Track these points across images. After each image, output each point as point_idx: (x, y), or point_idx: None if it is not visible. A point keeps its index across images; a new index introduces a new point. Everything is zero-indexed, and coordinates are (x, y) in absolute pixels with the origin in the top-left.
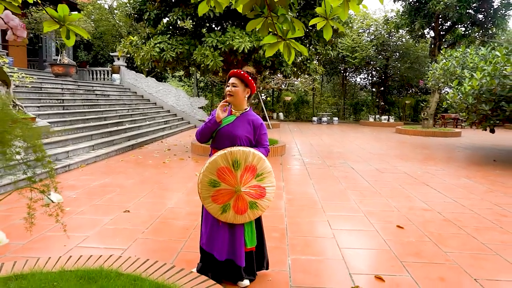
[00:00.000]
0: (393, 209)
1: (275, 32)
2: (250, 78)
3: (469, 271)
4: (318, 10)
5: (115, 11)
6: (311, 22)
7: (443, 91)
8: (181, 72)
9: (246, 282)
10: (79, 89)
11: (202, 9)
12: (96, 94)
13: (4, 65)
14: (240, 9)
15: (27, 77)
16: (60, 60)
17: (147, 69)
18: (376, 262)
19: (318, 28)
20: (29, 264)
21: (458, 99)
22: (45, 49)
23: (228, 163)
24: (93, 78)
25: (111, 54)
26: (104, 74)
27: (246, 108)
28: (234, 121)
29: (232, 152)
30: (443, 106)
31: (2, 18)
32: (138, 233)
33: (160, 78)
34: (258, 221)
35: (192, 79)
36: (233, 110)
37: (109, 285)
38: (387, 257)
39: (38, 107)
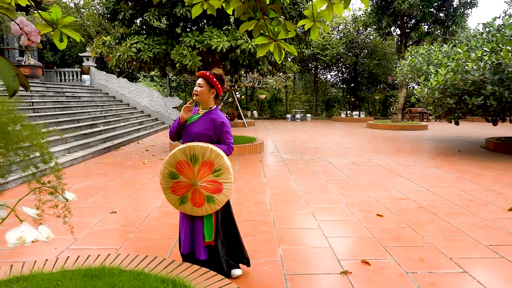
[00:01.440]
0: (372, 199)
1: (267, 34)
2: (215, 79)
3: (444, 252)
4: (306, 12)
5: (81, 9)
6: (300, 23)
7: (410, 86)
8: (153, 72)
9: (237, 271)
10: (49, 91)
11: (196, 11)
12: (67, 96)
13: None
14: (230, 11)
15: None
16: (25, 61)
17: (118, 70)
18: (360, 248)
19: (305, 29)
20: (27, 266)
21: (425, 94)
22: (8, 50)
23: (186, 157)
24: (61, 80)
25: (80, 54)
26: (73, 75)
27: (212, 107)
28: (197, 119)
29: (191, 147)
30: (410, 101)
31: (17, 24)
32: (129, 233)
33: (132, 78)
34: (230, 217)
35: (165, 78)
36: (200, 109)
37: (114, 281)
38: (370, 243)
39: None
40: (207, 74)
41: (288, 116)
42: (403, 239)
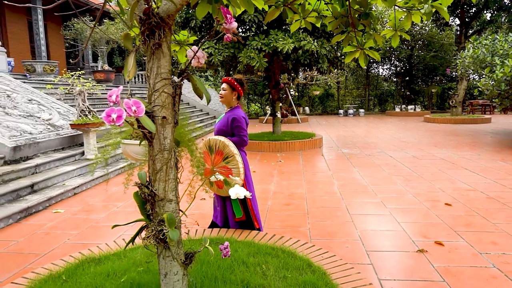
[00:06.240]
0: (438, 190)
1: (355, 44)
2: (236, 83)
3: None
4: (389, 23)
5: None
6: (383, 33)
7: (471, 78)
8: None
9: None
10: (122, 94)
11: (294, 27)
12: (137, 97)
13: (56, 78)
14: (318, 24)
15: (98, 86)
16: (101, 66)
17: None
18: (432, 232)
19: (387, 37)
20: None
21: (490, 86)
22: (82, 57)
23: (206, 148)
24: (128, 82)
25: (144, 58)
26: (138, 78)
27: (232, 107)
28: (221, 118)
29: (209, 140)
30: (474, 94)
31: (192, 50)
32: None
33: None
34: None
35: (218, 77)
36: (226, 109)
37: (234, 246)
38: (442, 228)
39: (95, 111)
40: (229, 79)
41: (341, 111)
42: (473, 225)
